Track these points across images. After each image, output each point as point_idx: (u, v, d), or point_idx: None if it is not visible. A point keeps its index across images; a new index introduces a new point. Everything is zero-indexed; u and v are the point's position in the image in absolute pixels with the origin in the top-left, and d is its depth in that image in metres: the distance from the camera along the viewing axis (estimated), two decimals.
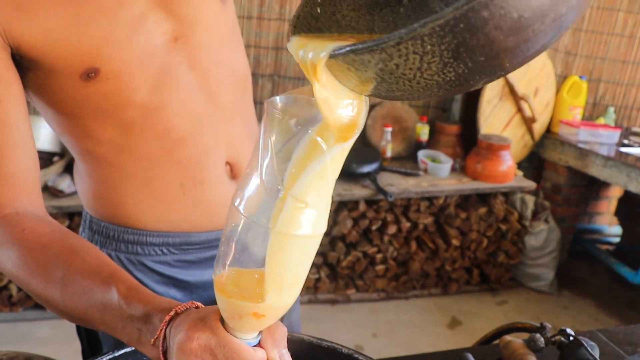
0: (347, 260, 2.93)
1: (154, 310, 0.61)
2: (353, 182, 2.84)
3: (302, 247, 0.52)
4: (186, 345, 0.54)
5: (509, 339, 1.14)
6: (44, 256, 0.70)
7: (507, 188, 3.01)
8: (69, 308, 0.68)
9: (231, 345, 0.54)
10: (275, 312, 0.55)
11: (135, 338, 0.63)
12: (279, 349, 0.58)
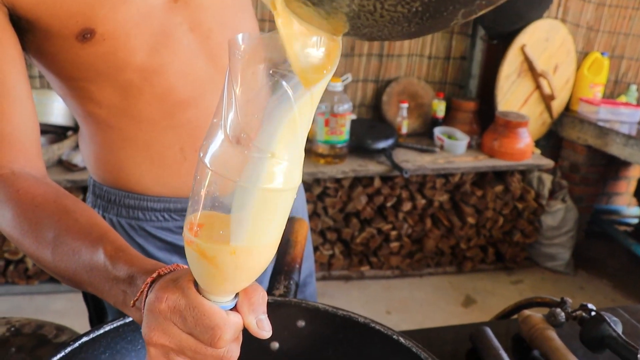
0: (361, 236, 2.92)
1: (138, 272, 0.59)
2: (368, 158, 2.81)
3: (272, 201, 0.47)
4: (155, 306, 0.51)
5: (528, 313, 1.12)
6: (37, 217, 0.69)
7: (524, 166, 2.97)
8: (59, 269, 0.68)
9: (201, 307, 0.50)
10: (242, 266, 0.49)
11: (121, 300, 0.61)
12: (256, 314, 0.53)
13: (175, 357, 0.52)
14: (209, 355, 0.51)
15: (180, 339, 0.51)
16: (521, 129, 2.92)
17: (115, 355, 0.76)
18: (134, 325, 0.77)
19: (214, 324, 0.50)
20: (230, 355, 0.52)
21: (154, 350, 0.52)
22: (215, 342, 0.50)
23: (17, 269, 2.72)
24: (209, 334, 0.50)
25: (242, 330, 0.54)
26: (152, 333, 0.51)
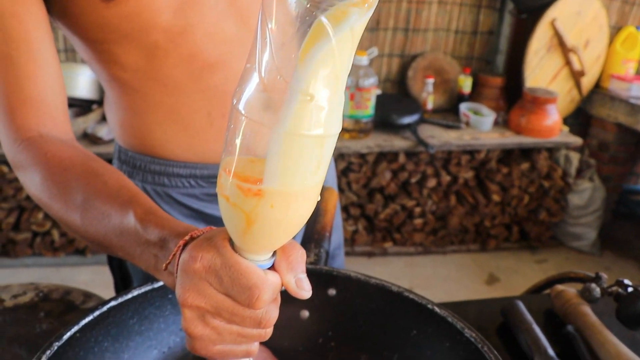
0: (385, 212, 2.89)
1: (170, 234, 0.57)
2: (393, 133, 2.77)
3: (311, 148, 0.44)
4: (189, 266, 0.49)
5: (562, 288, 1.09)
6: (65, 180, 0.68)
7: (551, 144, 2.91)
8: (88, 233, 0.66)
9: (238, 266, 0.47)
10: (279, 219, 0.46)
11: (152, 265, 0.59)
12: (295, 273, 0.50)
13: (211, 319, 0.49)
14: (246, 317, 0.49)
15: (216, 300, 0.48)
16: (549, 106, 2.86)
17: (143, 320, 0.76)
18: (162, 291, 0.76)
19: (251, 284, 0.47)
20: (269, 317, 0.50)
21: (189, 312, 0.49)
22: (253, 303, 0.47)
23: (44, 241, 2.75)
24: (247, 294, 0.47)
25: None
26: (186, 294, 0.49)
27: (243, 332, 0.50)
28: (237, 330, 0.50)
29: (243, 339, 0.51)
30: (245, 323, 0.49)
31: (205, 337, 0.50)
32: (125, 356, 0.74)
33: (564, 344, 0.98)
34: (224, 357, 0.52)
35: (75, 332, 0.67)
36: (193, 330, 0.50)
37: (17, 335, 0.88)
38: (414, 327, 0.75)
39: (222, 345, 0.51)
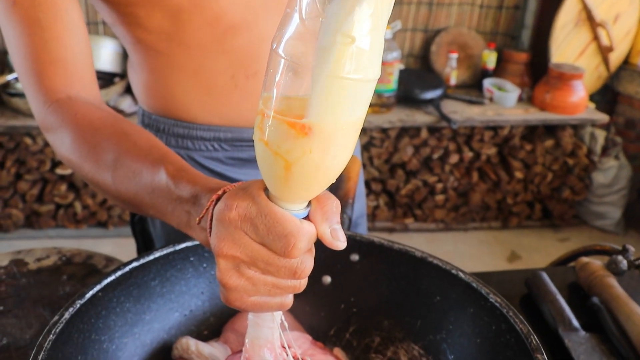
0: (406, 188, 2.88)
1: (203, 190, 0.57)
2: (415, 108, 2.74)
3: (350, 92, 0.43)
4: (224, 214, 0.48)
5: (587, 260, 1.07)
6: (96, 140, 0.68)
7: (576, 120, 2.85)
8: (119, 192, 0.66)
9: (274, 214, 0.47)
10: (317, 164, 0.45)
11: (185, 221, 0.60)
12: (330, 223, 0.49)
13: (246, 269, 0.49)
14: (281, 267, 0.49)
15: (251, 249, 0.48)
16: (575, 82, 2.80)
17: (164, 282, 0.76)
18: (183, 253, 0.76)
19: (287, 232, 0.47)
20: (304, 267, 0.49)
21: (224, 262, 0.49)
22: (289, 251, 0.47)
23: (67, 213, 2.78)
24: (282, 242, 0.47)
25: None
26: (221, 243, 0.48)
27: (278, 283, 0.50)
28: (272, 281, 0.50)
29: (278, 290, 0.51)
30: (280, 273, 0.49)
31: (239, 288, 0.50)
32: (146, 317, 0.74)
33: (589, 316, 0.96)
34: (258, 309, 0.52)
35: (98, 291, 0.67)
36: (227, 281, 0.49)
37: (41, 297, 0.89)
38: (437, 293, 0.75)
39: (257, 296, 0.51)
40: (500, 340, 0.66)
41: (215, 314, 0.80)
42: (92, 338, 0.66)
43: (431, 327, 0.75)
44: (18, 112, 2.52)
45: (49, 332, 0.59)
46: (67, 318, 0.62)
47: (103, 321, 0.68)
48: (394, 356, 0.77)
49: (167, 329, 0.76)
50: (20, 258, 0.98)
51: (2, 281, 0.92)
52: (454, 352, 0.72)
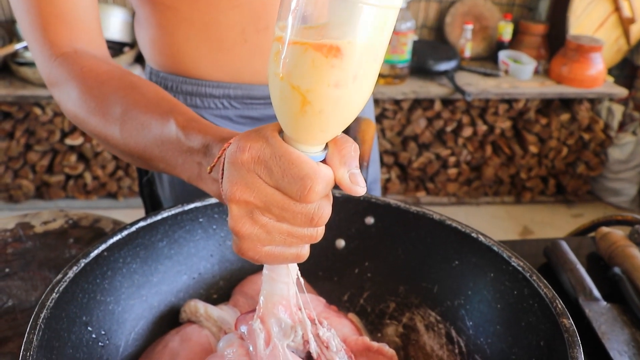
0: (418, 161, 2.84)
1: (214, 139, 0.54)
2: (429, 80, 2.69)
3: (374, 18, 0.40)
4: (237, 157, 0.45)
5: (607, 230, 1.04)
6: (103, 93, 0.66)
7: (594, 94, 2.79)
8: (128, 146, 0.64)
9: (289, 155, 0.44)
10: (336, 99, 0.42)
11: (196, 174, 0.57)
12: (348, 167, 0.46)
13: (260, 216, 0.46)
14: (297, 213, 0.46)
15: (265, 193, 0.45)
16: (594, 54, 2.73)
17: (172, 244, 0.73)
18: (192, 214, 0.74)
19: (303, 174, 0.44)
20: (322, 213, 0.46)
21: (237, 208, 0.46)
22: (305, 195, 0.44)
23: (77, 184, 2.76)
24: (298, 185, 0.44)
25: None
26: (234, 188, 0.46)
27: (293, 232, 0.47)
28: (287, 229, 0.47)
29: (293, 240, 0.48)
30: (296, 220, 0.46)
31: (253, 236, 0.47)
32: (154, 279, 0.72)
33: (609, 286, 0.93)
34: (272, 261, 0.50)
35: (103, 250, 0.65)
36: (241, 229, 0.47)
37: (47, 260, 0.87)
38: (455, 258, 0.72)
39: (271, 246, 0.48)
40: (523, 305, 0.63)
41: (225, 277, 0.77)
42: (97, 299, 0.64)
43: (449, 293, 0.72)
44: (27, 81, 2.50)
45: (52, 291, 0.57)
46: (70, 277, 0.59)
47: (109, 282, 0.66)
48: (410, 322, 0.75)
49: (175, 292, 0.74)
50: (26, 221, 0.96)
51: (8, 244, 0.90)
52: (473, 319, 0.70)
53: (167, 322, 0.71)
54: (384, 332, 0.75)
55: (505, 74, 2.82)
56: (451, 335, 0.71)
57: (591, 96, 2.80)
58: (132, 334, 0.68)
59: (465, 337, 0.70)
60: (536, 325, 0.61)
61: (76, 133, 2.63)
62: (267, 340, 0.55)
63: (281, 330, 0.56)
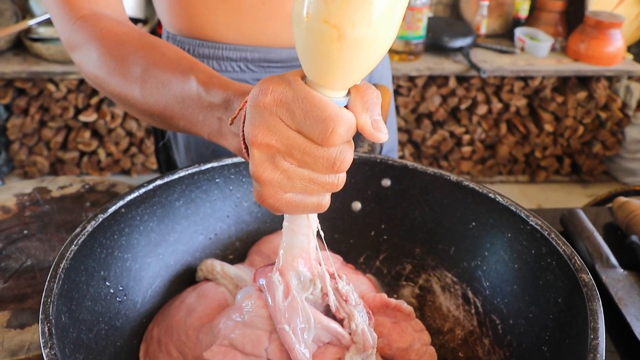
0: (432, 139, 2.82)
1: (235, 94, 0.55)
2: (444, 56, 2.67)
3: None
4: (259, 100, 0.45)
5: (625, 199, 1.03)
6: (123, 53, 0.66)
7: (612, 72, 2.75)
8: (149, 105, 0.64)
9: (311, 98, 0.44)
10: (361, 42, 0.42)
11: (216, 129, 0.57)
12: (370, 113, 0.46)
13: (282, 161, 0.46)
14: (319, 157, 0.45)
15: (287, 136, 0.45)
16: (613, 31, 2.69)
17: (189, 204, 0.73)
18: (209, 174, 0.74)
19: (325, 116, 0.43)
20: (344, 158, 0.46)
21: (258, 152, 0.46)
22: (327, 138, 0.44)
23: (91, 161, 2.78)
24: (320, 127, 0.44)
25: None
26: (256, 131, 0.45)
27: (315, 178, 0.47)
28: (309, 175, 0.47)
29: (314, 187, 0.48)
30: (318, 165, 0.46)
31: (274, 182, 0.47)
32: (171, 239, 0.72)
33: (627, 254, 0.93)
34: (292, 209, 0.49)
35: (121, 206, 0.65)
36: (262, 174, 0.47)
37: (64, 222, 0.88)
38: (473, 219, 0.71)
39: (292, 193, 0.48)
40: (541, 264, 0.63)
41: (241, 238, 0.78)
42: (115, 255, 0.64)
43: (466, 254, 0.72)
44: (40, 57, 2.50)
45: (71, 243, 0.57)
46: (89, 231, 0.60)
47: (126, 239, 0.66)
48: (426, 284, 0.75)
49: (191, 252, 0.74)
50: (43, 186, 0.96)
51: (26, 207, 0.91)
52: (490, 279, 0.69)
53: (184, 281, 0.72)
54: (399, 293, 0.75)
55: (522, 51, 2.79)
56: (467, 296, 0.71)
57: (609, 74, 2.76)
58: (149, 291, 0.68)
59: (482, 298, 0.69)
60: (554, 282, 0.60)
61: (90, 109, 2.64)
62: (285, 292, 0.55)
63: (300, 283, 0.56)
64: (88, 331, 0.56)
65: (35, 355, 0.64)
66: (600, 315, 0.51)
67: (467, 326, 0.70)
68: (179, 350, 0.61)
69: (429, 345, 0.64)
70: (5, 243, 0.83)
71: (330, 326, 0.56)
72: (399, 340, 0.63)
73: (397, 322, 0.64)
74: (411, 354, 0.63)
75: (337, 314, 0.58)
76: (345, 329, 0.58)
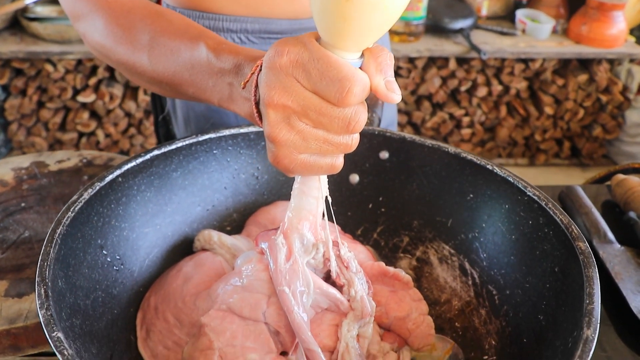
0: (432, 121, 2.81)
1: (245, 59, 0.55)
2: (444, 38, 2.65)
3: None
4: (275, 61, 0.46)
5: (623, 176, 1.03)
6: (129, 21, 0.66)
7: (613, 54, 2.73)
8: (157, 72, 0.64)
9: (327, 58, 0.44)
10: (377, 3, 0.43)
11: (227, 95, 0.57)
12: (384, 75, 0.47)
13: (297, 121, 0.47)
14: (334, 117, 0.46)
15: (303, 97, 0.46)
16: (615, 13, 2.67)
17: (186, 175, 0.73)
18: (207, 145, 0.74)
19: (341, 75, 0.44)
20: (358, 118, 0.47)
21: (274, 113, 0.47)
22: (343, 97, 0.45)
23: (90, 141, 2.77)
24: (336, 87, 0.44)
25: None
26: (272, 92, 0.46)
27: (329, 139, 0.48)
28: (324, 136, 0.48)
29: (329, 147, 0.48)
30: (333, 125, 0.47)
31: (289, 142, 0.48)
32: (168, 209, 0.72)
33: (624, 231, 0.93)
34: (307, 170, 0.50)
35: (118, 175, 0.65)
36: (277, 135, 0.47)
37: (62, 195, 0.88)
38: (470, 191, 0.71)
39: (307, 154, 0.49)
40: (538, 234, 0.63)
41: (239, 210, 0.77)
42: (112, 224, 0.64)
43: (463, 226, 0.72)
44: (38, 37, 2.49)
45: (67, 209, 0.57)
46: (86, 198, 0.60)
47: (123, 208, 0.66)
48: (423, 256, 0.75)
49: (188, 223, 0.74)
50: (41, 160, 0.96)
51: (24, 180, 0.91)
52: (487, 251, 0.69)
53: (181, 251, 0.72)
54: (397, 265, 0.75)
55: (523, 33, 2.77)
56: (465, 267, 0.71)
57: (611, 56, 2.74)
58: (146, 260, 0.68)
59: (479, 269, 0.70)
60: (551, 252, 0.61)
61: (88, 90, 2.63)
62: (288, 255, 0.55)
63: (303, 246, 0.56)
64: (85, 297, 0.57)
65: (33, 323, 0.65)
66: (596, 281, 0.52)
67: (464, 297, 0.70)
68: (175, 317, 0.61)
69: (427, 315, 0.65)
70: (3, 215, 0.83)
71: (330, 292, 0.57)
72: (397, 309, 0.63)
73: (394, 291, 0.64)
74: (408, 323, 0.63)
75: (337, 280, 0.58)
76: (345, 296, 0.58)
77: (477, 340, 0.66)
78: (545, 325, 0.58)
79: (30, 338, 0.65)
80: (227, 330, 0.56)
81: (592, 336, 0.47)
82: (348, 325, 0.57)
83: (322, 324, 0.57)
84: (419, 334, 0.63)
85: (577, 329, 0.49)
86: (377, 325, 0.63)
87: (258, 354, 0.55)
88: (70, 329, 0.50)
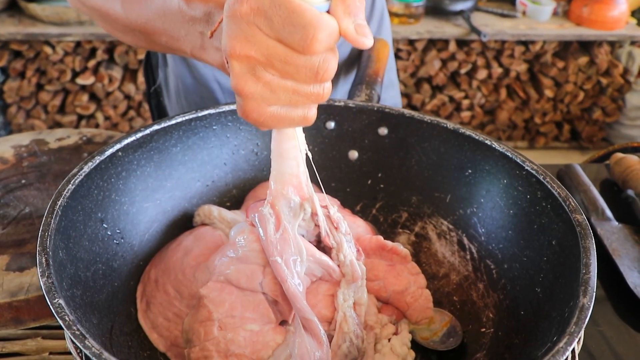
0: (431, 103, 2.81)
1: (215, 7, 0.54)
2: (444, 20, 2.64)
3: None
4: (235, 9, 0.43)
5: (622, 155, 1.03)
6: None
7: (614, 37, 2.72)
8: (130, 20, 0.63)
9: (289, 4, 0.41)
10: None
11: (199, 44, 0.56)
12: (353, 18, 0.44)
13: (263, 72, 0.45)
14: (301, 66, 0.44)
15: (267, 46, 0.43)
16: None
17: (186, 150, 0.73)
18: (206, 120, 0.74)
19: (305, 21, 0.42)
20: (327, 66, 0.44)
21: (238, 65, 0.45)
22: (308, 45, 0.42)
23: (89, 124, 2.77)
24: (300, 34, 0.42)
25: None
26: (233, 42, 0.44)
27: (299, 89, 0.46)
28: (292, 86, 0.45)
29: (299, 98, 0.46)
30: (300, 74, 0.45)
31: (257, 95, 0.46)
32: (168, 185, 0.72)
33: (622, 209, 0.93)
34: (278, 123, 0.48)
35: (118, 150, 0.65)
36: (243, 87, 0.45)
37: (62, 172, 0.88)
38: (469, 166, 0.71)
39: (277, 106, 0.47)
40: (536, 208, 0.63)
41: (238, 186, 0.78)
42: (112, 198, 0.65)
43: (461, 202, 0.72)
44: (36, 19, 2.47)
45: (68, 182, 0.58)
46: (86, 172, 0.60)
47: (123, 182, 0.66)
48: (422, 231, 0.75)
49: (188, 198, 0.74)
50: (41, 138, 0.96)
51: (24, 158, 0.91)
52: (485, 226, 0.70)
53: (180, 226, 0.72)
54: (396, 240, 0.76)
55: (523, 15, 2.76)
56: (463, 242, 0.72)
57: (612, 39, 2.73)
58: (147, 235, 0.69)
59: (477, 244, 0.70)
60: (549, 226, 0.61)
61: (87, 72, 2.62)
62: (277, 224, 0.55)
63: (291, 210, 0.56)
64: (85, 269, 0.57)
65: (34, 296, 0.65)
66: (592, 252, 0.52)
67: (462, 271, 0.70)
68: (175, 289, 0.61)
69: (425, 289, 0.65)
70: (3, 192, 0.83)
71: (322, 259, 0.57)
72: (395, 283, 0.64)
73: (392, 265, 0.65)
74: (407, 296, 0.64)
75: (326, 241, 0.57)
76: (334, 261, 0.58)
77: (475, 313, 0.66)
78: (542, 298, 0.58)
79: (32, 311, 0.66)
80: (225, 302, 0.56)
81: (588, 304, 0.47)
82: (343, 294, 0.58)
83: (318, 294, 0.58)
84: (417, 307, 0.64)
85: (573, 298, 0.49)
86: (376, 299, 0.64)
87: (257, 324, 0.55)
88: (71, 298, 0.50)
